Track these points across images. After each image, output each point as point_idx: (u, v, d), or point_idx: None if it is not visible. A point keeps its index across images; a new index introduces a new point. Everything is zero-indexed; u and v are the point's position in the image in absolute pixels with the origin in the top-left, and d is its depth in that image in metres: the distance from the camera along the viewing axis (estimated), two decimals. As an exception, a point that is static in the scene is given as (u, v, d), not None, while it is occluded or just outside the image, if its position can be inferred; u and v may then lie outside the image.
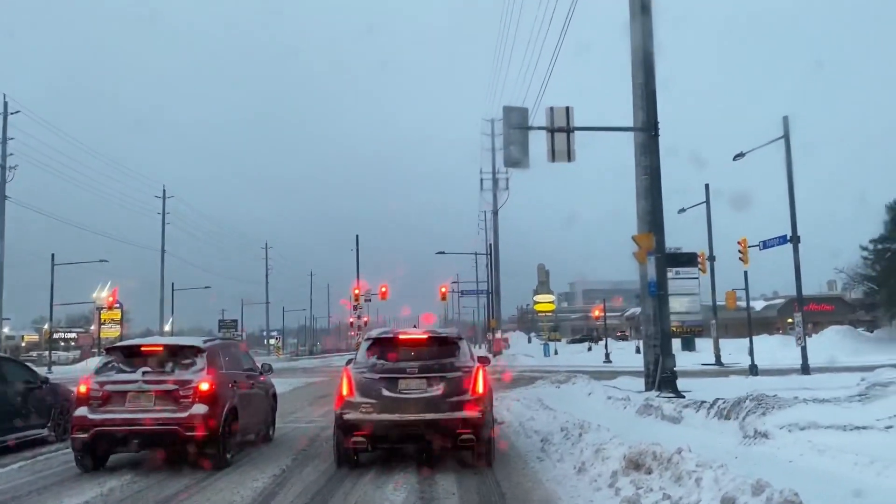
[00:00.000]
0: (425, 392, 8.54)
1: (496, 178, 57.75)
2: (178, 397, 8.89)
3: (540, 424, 12.20)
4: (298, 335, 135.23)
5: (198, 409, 8.83)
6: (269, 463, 9.49)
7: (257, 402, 11.14)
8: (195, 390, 8.93)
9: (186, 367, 9.22)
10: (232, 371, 10.20)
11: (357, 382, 8.69)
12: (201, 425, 8.77)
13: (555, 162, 15.74)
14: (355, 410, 8.52)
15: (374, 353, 9.14)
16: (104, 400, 8.88)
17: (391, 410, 8.45)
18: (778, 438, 8.78)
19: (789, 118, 28.26)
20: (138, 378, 8.96)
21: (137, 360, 9.29)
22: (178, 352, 9.46)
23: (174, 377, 9.05)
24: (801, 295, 29.31)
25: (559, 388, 20.96)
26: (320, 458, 9.78)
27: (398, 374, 8.67)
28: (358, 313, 57.72)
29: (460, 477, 8.24)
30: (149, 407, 8.82)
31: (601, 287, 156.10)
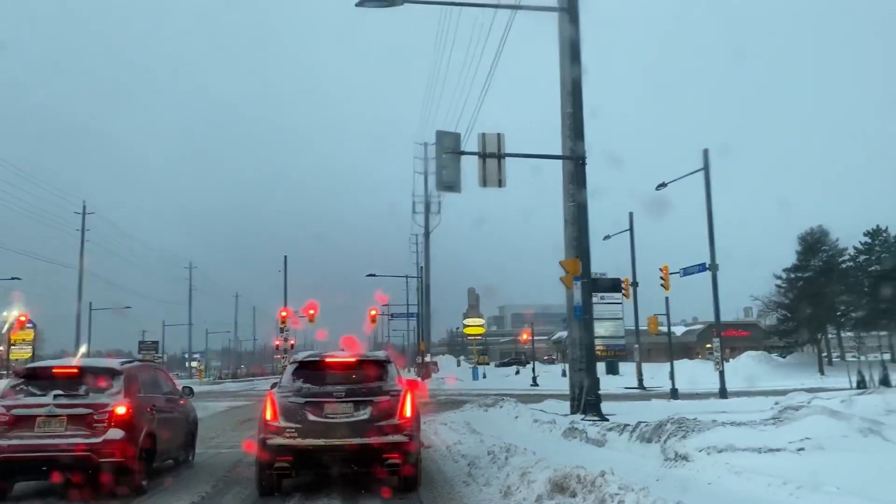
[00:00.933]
0: (352, 416, 8.39)
1: (428, 202, 58.02)
2: (92, 422, 8.47)
3: (467, 448, 12.20)
4: (222, 358, 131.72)
5: (113, 434, 8.46)
6: (187, 490, 9.15)
7: (177, 426, 10.81)
8: (110, 414, 8.55)
9: (102, 390, 8.83)
10: (150, 394, 9.87)
11: (281, 406, 8.45)
12: (117, 451, 8.40)
13: (486, 187, 15.95)
14: (279, 435, 8.30)
15: (299, 376, 8.94)
16: (11, 425, 8.37)
17: (316, 435, 8.25)
18: (697, 461, 9.03)
19: (709, 151, 29.52)
20: (49, 402, 8.52)
21: (49, 382, 8.85)
22: (94, 374, 9.07)
23: (88, 400, 8.65)
24: (719, 321, 30.43)
25: (487, 412, 21.03)
26: (242, 484, 9.48)
27: (324, 397, 8.49)
28: (285, 335, 56.70)
29: (385, 502, 8.14)
30: (60, 432, 8.37)
31: (530, 311, 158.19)
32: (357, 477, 9.05)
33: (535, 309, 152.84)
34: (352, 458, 8.44)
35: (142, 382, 9.68)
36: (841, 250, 53.79)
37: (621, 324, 50.36)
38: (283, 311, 57.37)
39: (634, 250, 37.09)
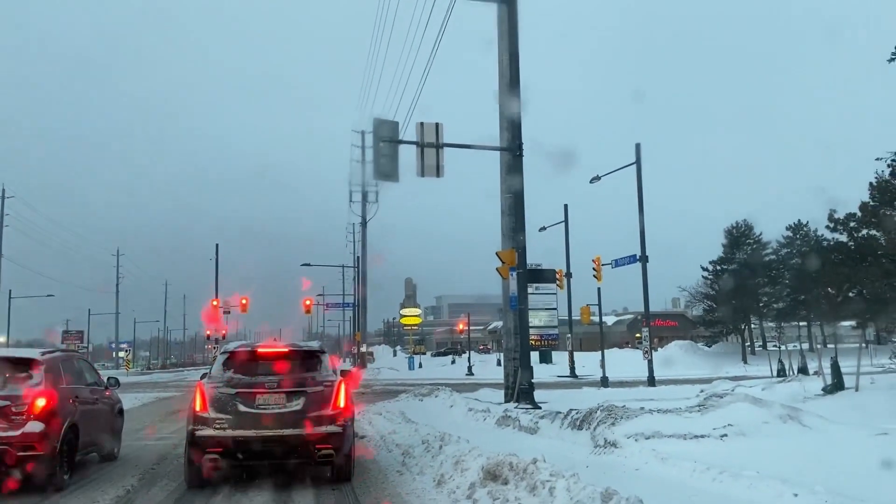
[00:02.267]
0: (284, 407, 8.29)
1: (365, 191, 57.57)
2: (11, 414, 8.16)
3: (401, 438, 12.19)
4: (151, 348, 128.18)
5: (33, 427, 8.16)
6: (112, 483, 8.86)
7: (101, 418, 10.47)
8: (30, 406, 8.25)
9: (21, 380, 8.52)
10: (73, 385, 9.56)
11: (211, 397, 8.30)
12: (37, 443, 8.10)
13: (424, 176, 15.93)
14: (208, 427, 8.15)
15: (230, 366, 8.80)
16: None
17: (247, 426, 8.13)
18: (626, 447, 9.25)
19: (641, 145, 30.20)
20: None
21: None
22: (12, 364, 8.78)
23: (6, 392, 8.33)
24: (649, 311, 31.23)
25: (422, 402, 21.05)
26: (169, 476, 9.26)
27: (255, 388, 8.35)
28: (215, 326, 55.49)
29: (318, 493, 8.07)
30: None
31: (466, 301, 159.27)
32: (289, 468, 8.93)
33: (471, 298, 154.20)
34: (284, 449, 8.31)
35: (64, 373, 9.38)
36: (764, 244, 56.01)
37: (555, 314, 51.24)
38: (214, 301, 56.21)
39: (569, 242, 37.76)
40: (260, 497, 7.84)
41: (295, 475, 8.88)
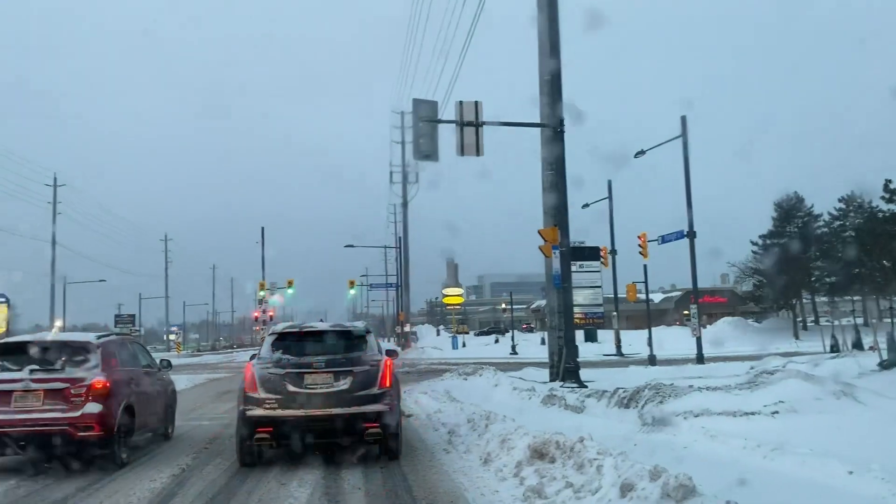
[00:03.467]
0: (332, 387, 8.39)
1: (406, 171, 57.76)
2: (70, 396, 8.43)
3: (447, 417, 12.26)
4: (200, 330, 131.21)
5: (91, 408, 8.41)
6: (167, 462, 9.13)
7: (156, 399, 10.75)
8: (88, 388, 8.49)
9: (79, 364, 8.78)
10: (128, 368, 9.81)
11: (261, 378, 8.45)
12: (95, 424, 8.36)
13: (464, 155, 15.86)
14: (259, 406, 8.32)
15: (278, 347, 8.96)
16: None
17: (296, 406, 8.28)
18: (674, 425, 9.15)
19: (686, 118, 29.56)
20: (25, 377, 8.46)
21: (25, 357, 8.76)
22: (70, 348, 9.04)
23: (65, 375, 8.60)
24: (697, 288, 30.75)
25: (466, 381, 21.14)
26: (223, 455, 9.48)
27: (304, 368, 8.48)
28: (263, 307, 56.56)
29: (367, 471, 8.17)
30: (37, 407, 8.33)
31: (509, 280, 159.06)
32: (338, 447, 9.07)
33: (514, 277, 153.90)
34: (332, 428, 8.43)
35: (119, 356, 9.63)
36: (816, 216, 54.48)
37: (600, 292, 50.75)
38: (261, 283, 57.22)
39: (613, 218, 37.29)
40: (310, 476, 7.98)
41: (344, 454, 9.00)
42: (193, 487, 7.54)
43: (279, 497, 6.96)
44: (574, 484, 6.27)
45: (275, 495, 7.05)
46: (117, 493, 7.37)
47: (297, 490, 7.26)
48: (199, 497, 7.08)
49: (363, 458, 8.91)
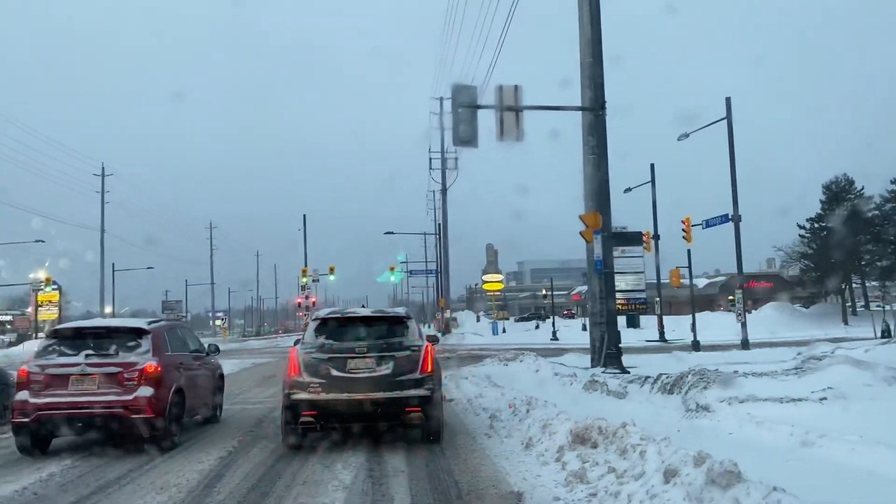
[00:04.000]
0: (374, 371, 8.57)
1: (445, 158, 57.62)
2: (123, 380, 8.74)
3: (488, 402, 12.31)
4: (245, 316, 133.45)
5: (143, 392, 8.72)
6: (215, 444, 9.38)
7: (204, 383, 11.03)
8: (141, 372, 8.80)
9: (131, 349, 9.10)
10: (178, 353, 10.11)
11: (305, 363, 8.65)
12: (147, 407, 8.67)
13: (503, 141, 15.76)
14: (303, 390, 8.50)
15: (322, 333, 9.09)
16: (46, 384, 8.70)
17: (340, 390, 8.44)
18: (719, 411, 9.04)
19: (731, 99, 28.93)
20: (81, 361, 8.80)
21: (80, 342, 9.11)
22: (123, 334, 9.34)
23: (118, 360, 8.91)
24: (742, 272, 30.22)
25: (507, 366, 21.14)
26: (268, 438, 9.69)
27: (346, 353, 8.64)
28: (306, 293, 57.30)
29: (409, 454, 8.26)
30: (92, 390, 8.66)
31: (549, 266, 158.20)
32: (381, 431, 9.25)
33: (554, 263, 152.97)
34: (375, 412, 8.59)
35: (169, 341, 9.93)
36: (866, 199, 52.89)
37: (642, 277, 50.23)
38: (303, 270, 57.92)
39: (656, 202, 36.67)
40: (353, 458, 8.10)
41: (386, 437, 9.13)
42: (241, 469, 7.72)
43: (323, 479, 7.08)
44: (617, 469, 6.25)
45: (319, 477, 7.18)
46: (168, 473, 7.60)
47: (341, 472, 7.38)
48: (246, 478, 7.24)
49: (405, 441, 9.01)
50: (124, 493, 6.78)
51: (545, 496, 6.13)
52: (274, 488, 6.76)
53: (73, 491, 6.98)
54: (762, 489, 4.68)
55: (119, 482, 7.27)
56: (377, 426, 9.12)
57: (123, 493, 6.75)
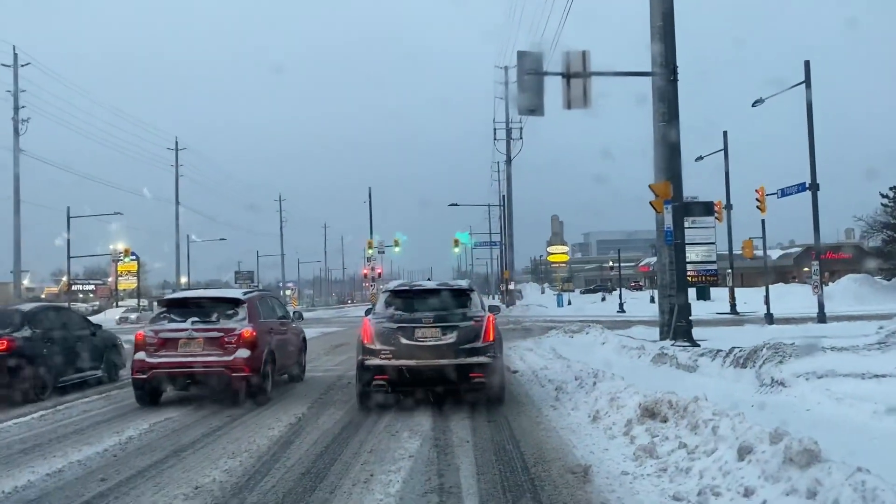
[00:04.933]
0: (439, 340, 9.09)
1: (509, 128, 57.04)
2: (224, 343, 10.03)
3: (554, 373, 12.20)
4: (313, 286, 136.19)
5: (241, 353, 9.98)
6: (299, 402, 10.39)
7: (291, 346, 12.28)
8: (239, 337, 10.07)
9: (230, 316, 10.39)
10: (269, 319, 11.33)
11: (376, 331, 9.27)
12: (245, 367, 9.94)
13: (570, 109, 15.38)
14: (375, 357, 9.16)
15: (391, 304, 9.74)
16: (159, 346, 10.08)
17: (408, 357, 9.05)
18: (795, 387, 8.70)
19: (811, 63, 27.55)
20: (188, 327, 10.14)
21: (187, 310, 10.48)
22: (223, 303, 10.67)
23: (219, 326, 10.21)
24: (819, 243, 29.00)
25: (572, 338, 20.97)
26: (341, 401, 10.37)
27: (414, 323, 9.21)
28: (372, 265, 58.00)
29: (475, 425, 8.26)
30: (198, 352, 10.01)
31: (615, 237, 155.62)
32: (446, 400, 9.67)
33: (621, 235, 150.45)
34: (440, 378, 9.12)
35: (261, 309, 11.16)
36: (956, 166, 49.88)
37: (713, 248, 48.81)
38: (369, 241, 58.60)
39: (728, 171, 35.47)
40: (419, 428, 8.15)
41: (452, 408, 9.40)
42: (308, 437, 7.87)
43: (390, 448, 7.14)
44: (688, 445, 6.08)
45: (385, 446, 7.24)
46: (264, 422, 8.77)
47: (407, 441, 7.43)
48: (314, 445, 7.39)
49: (471, 412, 9.05)
50: (218, 443, 7.03)
51: (613, 470, 6.02)
52: (341, 455, 6.86)
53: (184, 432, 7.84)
54: (845, 469, 4.46)
55: (223, 428, 8.28)
56: (443, 395, 9.58)
57: (213, 446, 6.98)
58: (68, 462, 6.93)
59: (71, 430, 8.68)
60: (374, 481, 5.88)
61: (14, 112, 43.21)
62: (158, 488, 5.84)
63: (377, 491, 5.58)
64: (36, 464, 6.87)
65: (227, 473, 6.25)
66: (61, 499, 5.68)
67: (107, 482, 6.11)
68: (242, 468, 6.44)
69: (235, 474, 6.22)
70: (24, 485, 6.10)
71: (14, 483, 6.15)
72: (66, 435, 8.39)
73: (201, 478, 6.13)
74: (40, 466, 6.75)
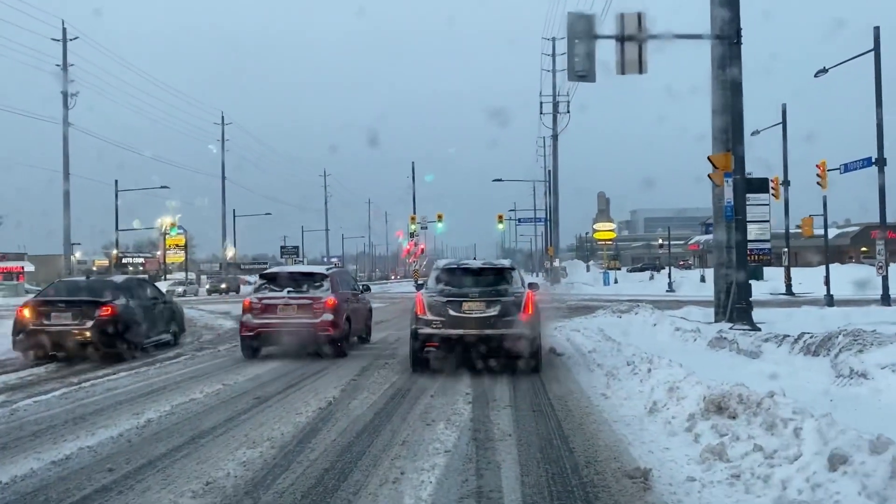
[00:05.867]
0: (484, 312, 10.25)
1: (556, 101, 55.46)
2: (313, 308, 12.34)
3: (603, 357, 11.41)
4: (358, 262, 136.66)
5: (326, 317, 12.29)
6: (361, 360, 12.21)
7: (361, 313, 14.59)
8: (324, 303, 12.38)
9: (317, 287, 12.76)
10: (345, 290, 13.58)
11: (428, 304, 10.45)
12: (329, 327, 12.24)
13: (624, 73, 14.32)
14: (427, 326, 10.35)
15: (441, 280, 10.94)
16: (262, 310, 12.49)
17: (456, 327, 10.23)
18: (879, 379, 7.77)
19: (880, 29, 25.76)
20: (284, 296, 12.61)
21: (282, 282, 13.00)
22: (310, 276, 13.23)
23: (309, 295, 12.57)
24: (885, 221, 27.39)
25: (621, 318, 20.10)
26: (393, 364, 11.81)
27: (461, 297, 10.39)
28: (415, 240, 57.52)
29: (517, 415, 7.55)
30: (292, 315, 12.39)
31: (663, 215, 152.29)
32: (489, 360, 10.45)
33: (668, 213, 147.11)
34: (485, 346, 10.23)
35: (340, 282, 13.42)
36: None
37: (767, 227, 46.90)
38: (411, 217, 58.08)
39: (787, 146, 33.73)
40: (457, 417, 7.50)
41: (494, 366, 10.41)
42: (337, 424, 7.26)
43: (424, 439, 6.47)
44: (764, 448, 5.26)
45: (419, 437, 6.58)
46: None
47: (443, 433, 6.74)
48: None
49: (514, 399, 8.38)
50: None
51: (677, 475, 5.25)
52: (371, 448, 6.20)
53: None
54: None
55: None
56: (486, 357, 10.35)
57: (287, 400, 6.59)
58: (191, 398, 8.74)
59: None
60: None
61: (63, 86, 43.72)
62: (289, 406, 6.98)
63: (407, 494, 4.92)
64: (159, 400, 8.62)
65: (317, 409, 7.33)
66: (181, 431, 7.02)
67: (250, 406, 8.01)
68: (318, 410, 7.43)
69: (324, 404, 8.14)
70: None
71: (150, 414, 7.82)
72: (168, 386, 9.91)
73: (303, 406, 8.30)
74: (161, 405, 8.29)
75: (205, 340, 16.71)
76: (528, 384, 9.41)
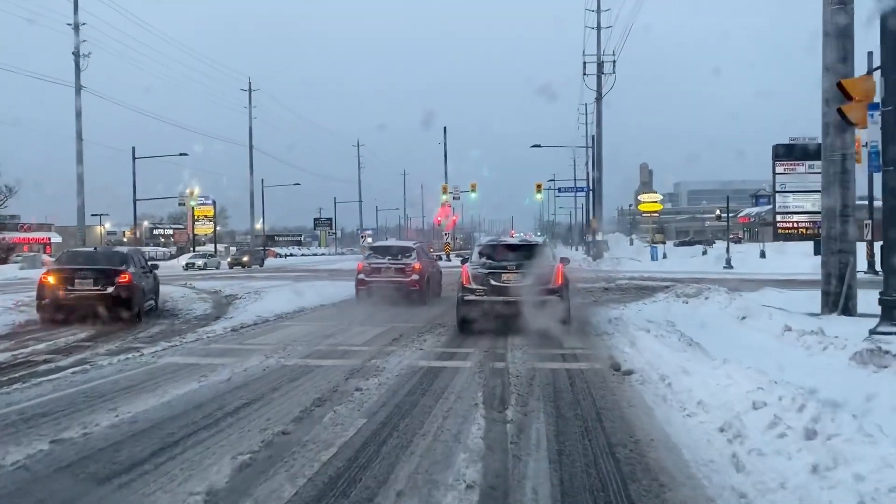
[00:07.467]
0: (520, 282, 11.98)
1: (601, 62, 50.77)
2: (405, 270, 17.80)
3: (704, 390, 6.64)
4: (393, 234, 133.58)
5: (414, 277, 17.72)
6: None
7: (436, 277, 19.88)
8: (413, 268, 17.84)
9: (407, 256, 18.32)
10: (426, 259, 19.30)
11: (472, 275, 12.32)
12: (417, 285, 17.69)
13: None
14: (472, 294, 12.16)
15: (483, 254, 12.90)
16: (371, 271, 18.16)
17: (496, 294, 12.01)
18: None
19: None
20: (386, 262, 18.21)
21: (384, 252, 18.97)
22: (402, 249, 18.99)
23: (402, 261, 18.07)
24: None
25: (688, 304, 16.24)
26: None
27: (501, 269, 12.24)
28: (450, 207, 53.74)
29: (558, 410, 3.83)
30: (392, 276, 17.85)
31: (708, 188, 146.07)
32: (528, 333, 11.22)
33: (714, 185, 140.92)
34: (520, 310, 11.56)
35: (422, 253, 19.11)
36: None
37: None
38: (443, 186, 54.27)
39: (875, 100, 28.86)
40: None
41: (528, 328, 11.47)
42: None
43: None
44: None
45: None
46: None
47: None
48: None
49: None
50: None
51: None
52: None
53: None
54: None
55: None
56: (524, 324, 11.42)
57: None
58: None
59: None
60: None
61: (75, 47, 41.25)
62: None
63: None
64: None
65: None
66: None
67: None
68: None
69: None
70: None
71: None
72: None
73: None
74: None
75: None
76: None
